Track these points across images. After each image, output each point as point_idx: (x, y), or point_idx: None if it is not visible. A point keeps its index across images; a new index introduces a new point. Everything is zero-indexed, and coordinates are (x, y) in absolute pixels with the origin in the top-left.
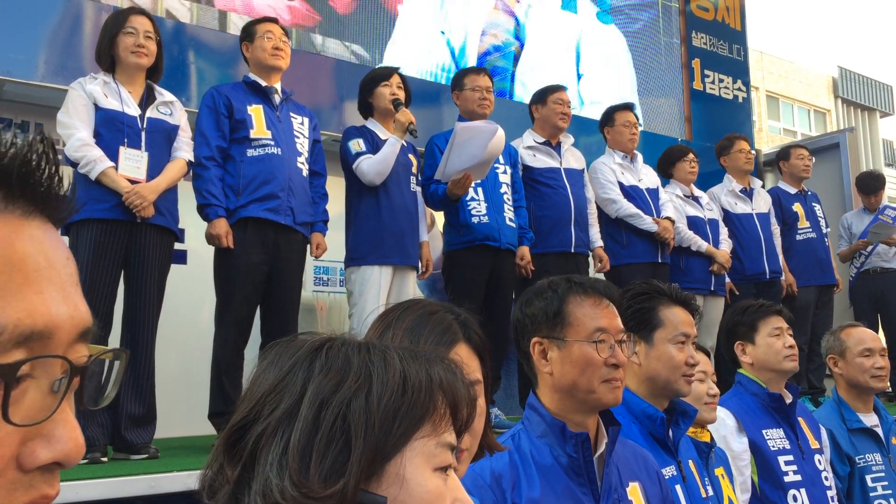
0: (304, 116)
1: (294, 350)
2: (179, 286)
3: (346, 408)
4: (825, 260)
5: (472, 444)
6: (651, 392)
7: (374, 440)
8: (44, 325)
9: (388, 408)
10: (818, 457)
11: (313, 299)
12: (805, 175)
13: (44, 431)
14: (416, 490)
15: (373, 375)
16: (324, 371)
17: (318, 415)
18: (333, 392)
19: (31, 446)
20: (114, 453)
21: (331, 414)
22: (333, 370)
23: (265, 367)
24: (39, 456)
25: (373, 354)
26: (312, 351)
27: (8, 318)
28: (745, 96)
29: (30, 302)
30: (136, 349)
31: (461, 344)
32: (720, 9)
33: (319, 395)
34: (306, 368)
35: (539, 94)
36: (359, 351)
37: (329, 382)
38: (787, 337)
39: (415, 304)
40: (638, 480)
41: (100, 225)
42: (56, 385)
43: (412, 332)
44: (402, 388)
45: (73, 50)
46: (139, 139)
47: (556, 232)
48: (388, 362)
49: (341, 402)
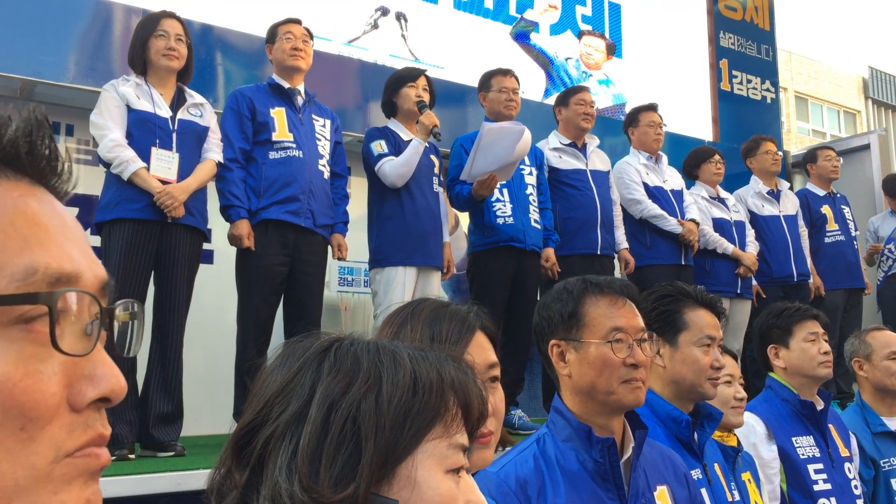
0: (325, 118)
1: (302, 351)
2: (206, 286)
3: (356, 410)
4: (854, 263)
5: (497, 426)
6: (676, 395)
7: (384, 442)
8: (71, 269)
9: (399, 409)
10: (848, 465)
11: (338, 299)
12: (833, 176)
13: (85, 372)
14: (428, 493)
15: (383, 376)
16: (332, 372)
17: (327, 417)
18: (343, 394)
19: (78, 387)
20: (141, 450)
21: (340, 416)
22: (342, 371)
23: (272, 367)
24: (88, 393)
25: (382, 355)
26: (321, 352)
27: (38, 262)
28: (773, 97)
29: (54, 251)
30: (165, 348)
31: (479, 332)
32: (748, 8)
33: (329, 397)
34: (314, 370)
35: (562, 96)
36: (368, 351)
37: (338, 384)
38: (823, 343)
39: (422, 301)
40: (666, 484)
41: (132, 225)
42: (88, 328)
43: (431, 324)
44: (412, 388)
45: (102, 52)
46: (170, 140)
47: (582, 234)
48: (398, 362)
49: (351, 404)
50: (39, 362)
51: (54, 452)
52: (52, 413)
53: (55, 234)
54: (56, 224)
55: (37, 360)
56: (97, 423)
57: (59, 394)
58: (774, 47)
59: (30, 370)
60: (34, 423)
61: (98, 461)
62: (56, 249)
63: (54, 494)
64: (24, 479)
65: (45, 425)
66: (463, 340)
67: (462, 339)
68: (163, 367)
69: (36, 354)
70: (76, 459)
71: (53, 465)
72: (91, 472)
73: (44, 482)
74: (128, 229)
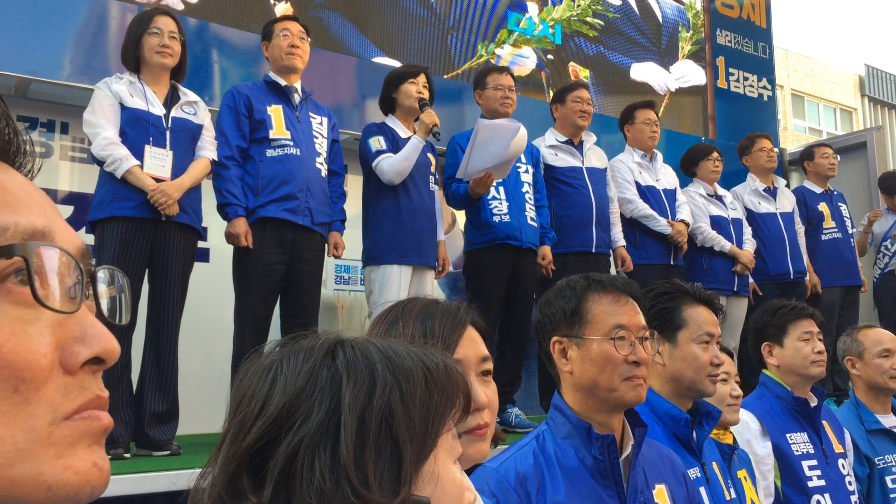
0: (323, 116)
1: (303, 356)
2: (202, 284)
3: (389, 413)
4: (851, 260)
5: (492, 419)
6: (675, 392)
7: (418, 443)
8: (44, 227)
9: (423, 407)
10: (842, 461)
11: (334, 298)
12: (830, 174)
13: (75, 333)
14: (448, 485)
15: (400, 378)
16: (351, 379)
17: (361, 423)
18: (368, 400)
19: (69, 348)
20: (136, 450)
21: (375, 421)
22: (360, 377)
23: (261, 378)
24: (80, 353)
25: (392, 355)
26: (326, 356)
27: (8, 220)
28: (770, 94)
29: (23, 212)
30: (159, 346)
31: (470, 326)
32: (745, 6)
33: (357, 404)
34: (328, 377)
35: (559, 93)
36: (376, 351)
37: (361, 391)
38: (817, 342)
39: (412, 300)
40: (664, 482)
41: (125, 223)
42: (72, 291)
43: (423, 320)
44: (428, 385)
45: (97, 49)
46: (164, 138)
47: (578, 232)
48: (408, 361)
49: (381, 408)
50: (25, 323)
51: (51, 414)
52: (44, 374)
53: (24, 199)
54: (25, 190)
55: (22, 322)
56: (93, 385)
57: (49, 355)
58: (771, 45)
59: (15, 330)
60: (27, 384)
61: (100, 423)
62: (25, 211)
63: (58, 458)
64: (24, 442)
65: (39, 387)
66: (455, 335)
67: (454, 334)
68: (158, 366)
69: (20, 316)
70: (76, 422)
71: (53, 428)
72: (94, 435)
73: (45, 445)
74: (121, 227)
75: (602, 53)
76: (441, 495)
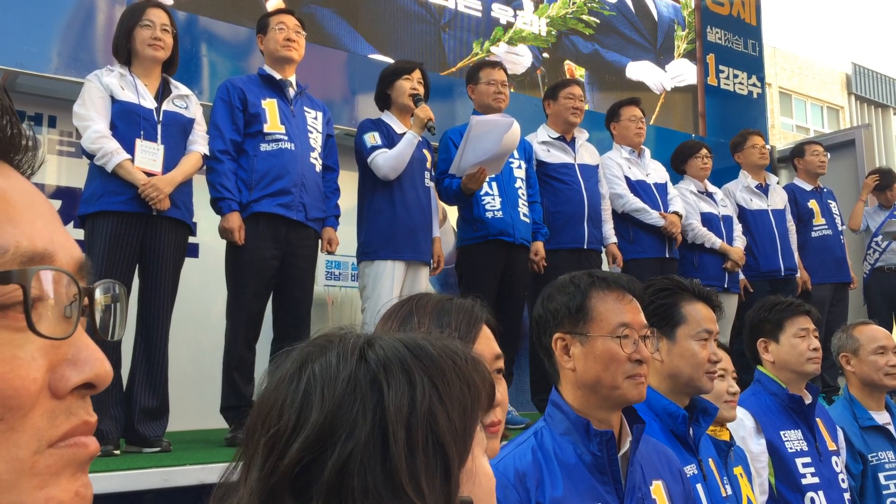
0: (317, 111)
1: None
2: (192, 280)
3: (433, 419)
4: (841, 257)
5: (502, 416)
6: (673, 389)
7: (461, 444)
8: (44, 248)
9: (461, 408)
10: (835, 458)
11: (324, 293)
12: (820, 171)
13: (68, 356)
14: (482, 480)
15: (435, 379)
16: (392, 387)
17: (409, 435)
18: (412, 408)
19: (60, 371)
20: (126, 446)
21: (421, 431)
22: (397, 381)
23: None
24: (70, 378)
25: (421, 353)
26: (360, 361)
27: (8, 241)
28: (759, 92)
29: (25, 229)
30: (150, 342)
31: (484, 324)
32: (735, 4)
33: (402, 413)
34: (367, 384)
35: (551, 90)
36: (405, 350)
37: (402, 398)
38: (813, 339)
39: (424, 295)
40: (661, 479)
41: (115, 217)
42: (67, 310)
43: (439, 316)
44: (461, 383)
45: (86, 42)
46: (155, 132)
47: (569, 228)
48: (439, 359)
49: (424, 415)
50: (16, 348)
51: (36, 443)
52: (32, 400)
53: (25, 212)
54: (26, 201)
55: (13, 346)
56: (81, 411)
57: (40, 379)
58: (761, 42)
59: (5, 356)
60: (14, 412)
61: (86, 451)
62: (27, 226)
63: (40, 489)
64: (7, 472)
65: (26, 414)
66: (472, 332)
67: (471, 331)
68: (148, 362)
69: (11, 340)
70: (61, 450)
71: (37, 457)
72: (79, 463)
73: (28, 475)
74: (112, 222)
75: (597, 51)
76: (478, 490)
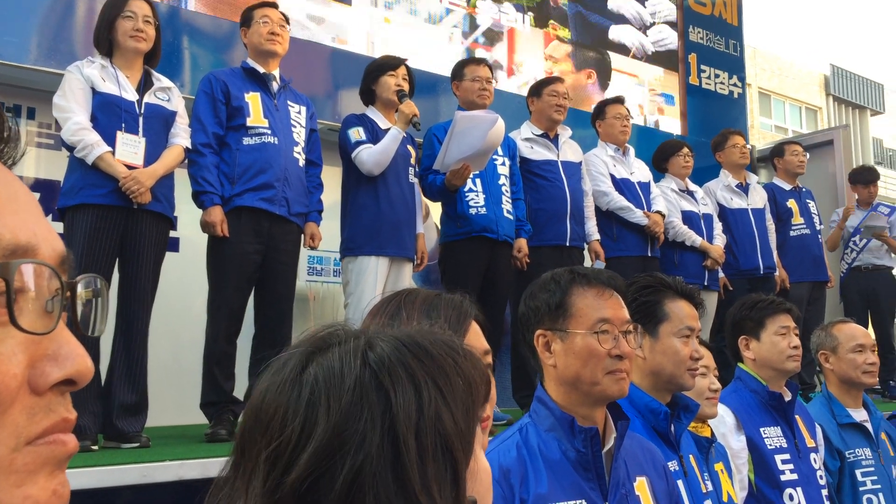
0: (301, 105)
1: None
2: (172, 274)
3: (441, 425)
4: (818, 256)
5: (491, 411)
6: (655, 386)
7: (467, 445)
8: (27, 241)
9: (464, 408)
10: (813, 455)
11: (306, 289)
12: (800, 171)
13: (49, 352)
14: (482, 476)
15: (438, 379)
16: (399, 391)
17: (419, 442)
18: (419, 412)
19: (40, 367)
20: (104, 442)
21: (430, 437)
22: (405, 386)
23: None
24: (51, 374)
25: (420, 351)
26: (364, 366)
27: None
28: (740, 92)
29: (7, 221)
30: (129, 337)
31: (473, 319)
32: (717, 4)
33: (411, 419)
34: (373, 391)
35: (535, 87)
36: (404, 349)
37: (410, 403)
38: (794, 337)
39: (412, 290)
40: (645, 475)
41: (96, 210)
42: (49, 305)
43: (429, 310)
44: (465, 383)
45: (65, 33)
46: (136, 124)
47: (552, 225)
48: (440, 358)
49: (432, 420)
50: None
51: (14, 440)
52: (11, 396)
53: (8, 203)
54: (8, 192)
55: None
56: (60, 407)
57: (20, 375)
58: (742, 43)
59: None
60: None
61: (64, 448)
62: (10, 218)
63: (17, 487)
64: None
65: (5, 410)
66: (462, 327)
67: (461, 326)
68: (127, 357)
69: None
70: (39, 447)
71: (14, 455)
72: (57, 461)
73: (5, 473)
74: (92, 215)
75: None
76: (479, 488)
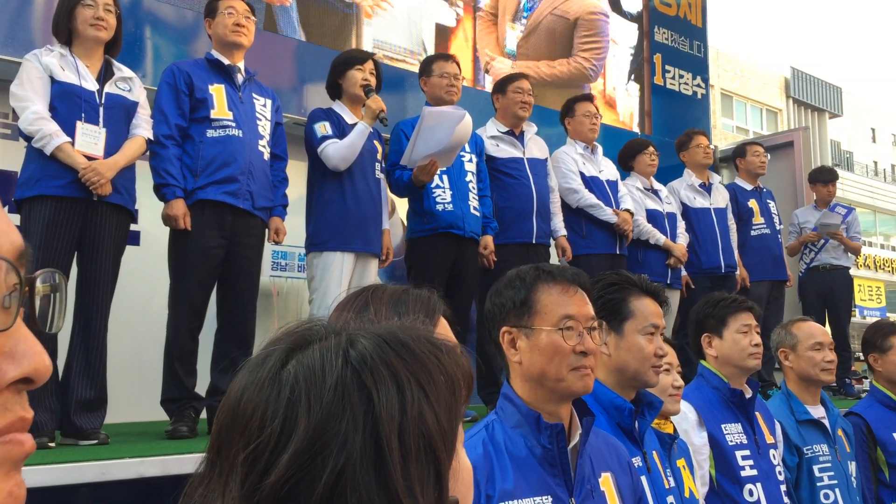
0: (266, 98)
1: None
2: (132, 268)
3: (424, 425)
4: (778, 256)
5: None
6: (619, 383)
7: (450, 445)
8: None
9: (447, 407)
10: (773, 451)
11: (270, 284)
12: (761, 172)
13: (6, 349)
14: (464, 475)
15: (421, 379)
16: (382, 391)
17: (402, 443)
18: (402, 413)
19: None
20: (62, 439)
21: (414, 438)
22: (387, 385)
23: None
24: (8, 372)
25: (402, 348)
26: (345, 364)
27: None
28: (703, 93)
29: None
30: (88, 331)
31: (441, 315)
32: (682, 5)
33: (394, 420)
34: (355, 389)
35: (499, 84)
36: (386, 346)
37: (392, 403)
38: (755, 335)
39: (379, 286)
40: (610, 471)
41: (54, 202)
42: (6, 300)
43: (397, 305)
44: (447, 381)
45: (23, 21)
46: (97, 115)
47: (518, 223)
48: (422, 355)
49: (415, 420)
50: None
51: None
52: None
53: None
54: None
55: None
56: (17, 406)
57: None
58: (706, 44)
59: None
60: None
61: (21, 448)
62: None
63: None
64: None
65: None
66: (431, 322)
67: (430, 322)
68: (86, 352)
69: None
70: None
71: None
72: (13, 461)
73: None
74: (50, 207)
75: None
76: (461, 487)
